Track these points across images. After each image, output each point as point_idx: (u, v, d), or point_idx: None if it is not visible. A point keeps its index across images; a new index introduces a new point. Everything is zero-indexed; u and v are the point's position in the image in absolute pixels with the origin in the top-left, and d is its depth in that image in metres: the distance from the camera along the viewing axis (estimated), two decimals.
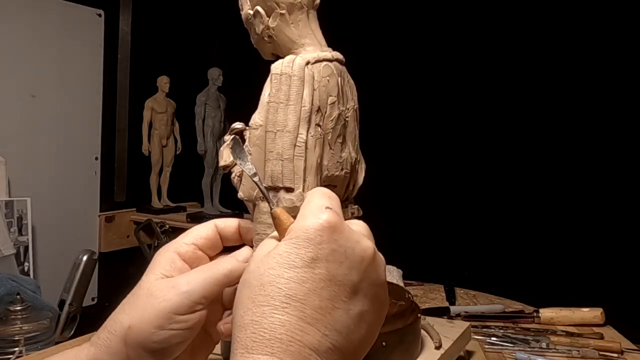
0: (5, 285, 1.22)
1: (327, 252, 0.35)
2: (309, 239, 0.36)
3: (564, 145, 1.52)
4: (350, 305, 0.36)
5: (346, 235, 0.37)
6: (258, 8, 0.58)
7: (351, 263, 0.36)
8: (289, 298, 0.34)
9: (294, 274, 0.35)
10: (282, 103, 0.54)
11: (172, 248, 0.47)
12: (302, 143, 0.53)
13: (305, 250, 0.35)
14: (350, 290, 0.36)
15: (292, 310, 0.34)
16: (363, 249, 0.37)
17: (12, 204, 1.58)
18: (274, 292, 0.34)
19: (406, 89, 1.72)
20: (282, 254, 0.36)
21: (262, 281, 0.35)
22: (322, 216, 0.36)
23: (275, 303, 0.34)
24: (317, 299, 0.34)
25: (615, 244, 1.42)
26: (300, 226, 0.36)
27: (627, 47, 1.41)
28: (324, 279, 0.35)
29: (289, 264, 0.35)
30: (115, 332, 0.43)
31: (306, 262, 0.35)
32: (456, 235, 1.65)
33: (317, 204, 0.38)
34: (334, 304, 0.35)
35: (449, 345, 0.68)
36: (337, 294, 0.35)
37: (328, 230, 0.36)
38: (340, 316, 0.35)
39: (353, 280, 0.36)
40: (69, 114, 1.80)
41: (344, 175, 0.59)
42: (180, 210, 2.02)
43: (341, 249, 0.36)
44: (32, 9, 1.68)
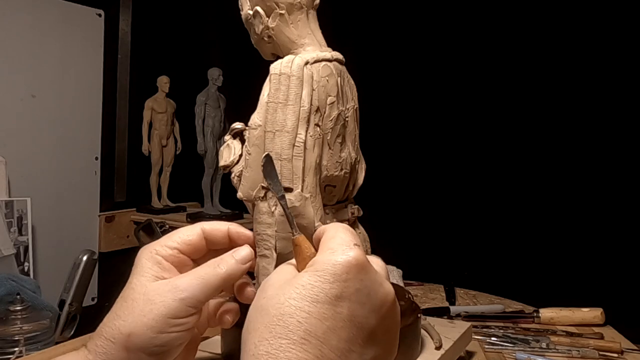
0: (5, 285, 1.22)
1: (352, 291, 0.34)
2: (335, 275, 0.34)
3: (563, 146, 1.52)
4: (365, 350, 0.35)
5: (372, 277, 0.36)
6: (258, 8, 0.58)
7: (372, 306, 0.35)
8: (308, 334, 0.33)
9: (316, 309, 0.34)
10: (281, 103, 0.53)
11: (154, 250, 0.46)
12: (301, 143, 0.53)
13: (330, 285, 0.34)
14: (368, 333, 0.35)
15: (310, 348, 0.33)
16: (385, 293, 0.36)
17: (12, 204, 1.58)
18: (293, 325, 0.33)
19: (406, 89, 1.72)
20: (305, 286, 0.34)
21: (282, 311, 0.34)
22: (350, 253, 0.35)
23: (294, 337, 0.33)
24: (336, 339, 0.34)
25: (615, 244, 1.42)
26: (327, 260, 0.35)
27: (627, 47, 1.41)
28: (344, 318, 0.34)
29: (312, 297, 0.34)
30: (115, 340, 0.42)
31: (330, 298, 0.34)
32: (456, 235, 1.65)
33: (345, 239, 0.37)
34: (350, 347, 0.34)
35: (449, 346, 0.68)
36: (355, 337, 0.34)
37: (356, 269, 0.35)
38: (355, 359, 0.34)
39: (371, 323, 0.35)
40: (69, 114, 1.80)
41: (343, 175, 0.59)
42: (180, 210, 2.02)
43: (365, 289, 0.35)
44: (32, 9, 1.68)
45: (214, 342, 0.66)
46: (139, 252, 0.47)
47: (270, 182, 0.45)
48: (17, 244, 1.58)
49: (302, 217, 0.52)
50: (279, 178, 0.46)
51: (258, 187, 0.55)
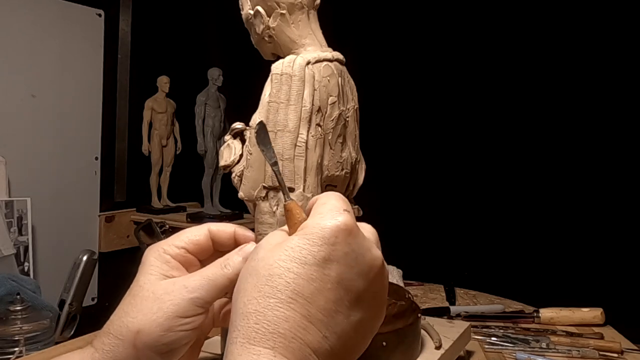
0: (5, 285, 1.22)
1: (340, 255, 0.35)
2: (324, 238, 0.35)
3: (563, 146, 1.52)
4: (352, 312, 0.36)
5: (359, 241, 0.37)
6: (258, 8, 0.58)
7: (360, 270, 0.36)
8: (295, 294, 0.34)
9: (304, 270, 0.34)
10: (283, 103, 0.53)
11: (162, 249, 0.46)
12: (303, 143, 0.53)
13: (318, 248, 0.35)
14: (355, 296, 0.36)
15: (297, 307, 0.34)
16: (373, 258, 0.37)
17: (12, 204, 1.58)
18: (281, 285, 0.34)
19: (406, 89, 1.72)
20: (294, 248, 0.35)
21: (271, 272, 0.35)
22: (339, 218, 0.36)
23: (282, 297, 0.34)
24: (323, 300, 0.34)
25: (614, 244, 1.42)
26: (317, 224, 0.36)
27: (627, 47, 1.41)
28: (332, 280, 0.35)
29: (301, 259, 0.35)
30: (123, 337, 0.42)
31: (318, 260, 0.35)
32: (456, 235, 1.65)
33: (335, 205, 0.38)
34: (337, 308, 0.35)
35: (449, 345, 0.68)
36: (342, 298, 0.35)
37: (344, 233, 0.36)
38: (341, 321, 0.35)
39: (359, 287, 0.36)
40: (69, 114, 1.80)
41: (344, 175, 0.59)
42: (180, 210, 2.02)
43: (353, 254, 0.36)
44: (32, 9, 1.68)
45: (214, 342, 0.66)
46: (146, 250, 0.47)
47: (263, 148, 0.45)
48: (17, 244, 1.58)
49: None
50: (272, 145, 0.46)
51: (259, 187, 0.55)
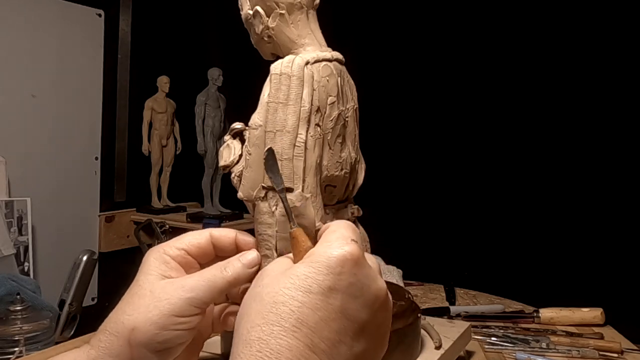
0: (5, 285, 1.22)
1: (345, 285, 0.35)
2: (329, 267, 0.35)
3: (563, 146, 1.52)
4: (355, 343, 0.36)
5: (365, 272, 0.36)
6: (258, 8, 0.57)
7: (365, 301, 0.36)
8: (300, 322, 0.34)
9: (309, 299, 0.34)
10: (282, 103, 0.53)
11: (162, 250, 0.47)
12: (302, 143, 0.53)
13: (324, 277, 0.35)
14: (358, 327, 0.36)
15: (301, 336, 0.34)
16: (378, 289, 0.37)
17: (12, 204, 1.58)
18: (285, 313, 0.34)
19: (405, 89, 1.72)
20: (299, 276, 0.35)
21: (275, 299, 0.35)
22: (346, 247, 0.36)
23: (286, 325, 0.34)
24: (327, 330, 0.34)
25: (614, 244, 1.42)
26: (323, 252, 0.36)
27: (627, 47, 1.41)
28: (336, 310, 0.35)
29: (306, 288, 0.35)
30: (118, 334, 0.43)
31: (323, 289, 0.35)
32: (456, 235, 1.65)
33: (343, 234, 0.38)
34: (341, 338, 0.35)
35: (449, 345, 0.68)
36: (346, 329, 0.35)
37: (350, 263, 0.36)
38: (344, 352, 0.35)
39: (363, 318, 0.36)
40: (69, 114, 1.80)
41: (343, 175, 0.59)
42: (180, 210, 2.02)
43: (359, 284, 0.36)
44: (32, 9, 1.68)
45: (214, 342, 0.66)
46: (147, 251, 0.47)
47: (271, 175, 0.46)
48: (17, 244, 1.58)
49: (303, 217, 0.52)
50: (279, 172, 0.46)
51: (259, 187, 0.55)
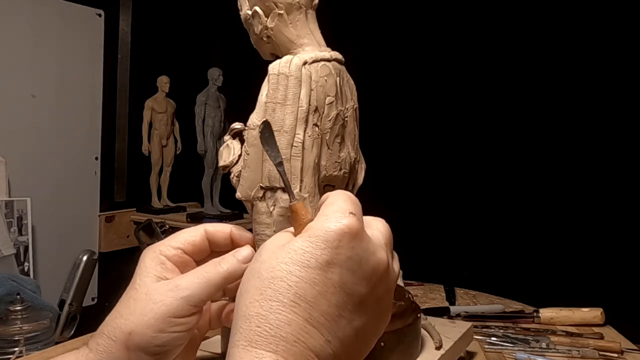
0: (5, 285, 1.22)
1: (343, 259, 0.35)
2: (327, 241, 0.35)
3: (563, 146, 1.52)
4: (355, 316, 0.36)
5: (364, 245, 0.36)
6: (256, 8, 0.58)
7: (363, 274, 0.36)
8: (298, 297, 0.34)
9: (307, 274, 0.34)
10: (279, 103, 0.53)
11: (158, 250, 0.47)
12: (299, 143, 0.53)
13: (321, 251, 0.35)
14: (358, 301, 0.36)
15: (299, 311, 0.34)
16: (377, 262, 0.37)
17: (12, 204, 1.58)
18: (283, 288, 0.34)
19: (404, 89, 1.72)
20: (297, 251, 0.35)
21: (274, 275, 0.35)
22: (343, 221, 0.36)
23: (284, 300, 0.34)
24: (326, 304, 0.34)
25: (615, 244, 1.42)
26: (321, 226, 0.36)
27: (627, 47, 1.41)
28: (335, 284, 0.35)
29: (303, 262, 0.35)
30: (116, 338, 0.43)
31: (321, 264, 0.34)
32: (456, 235, 1.65)
33: (341, 207, 0.37)
34: (340, 312, 0.35)
35: (449, 346, 0.67)
36: (345, 303, 0.35)
37: (348, 236, 0.35)
38: (344, 325, 0.35)
39: (361, 291, 0.36)
40: (69, 114, 1.80)
41: (342, 175, 0.59)
42: (180, 210, 2.02)
43: (357, 257, 0.35)
44: (32, 9, 1.68)
45: (214, 342, 0.66)
46: (143, 252, 0.47)
47: (268, 148, 0.45)
48: (17, 244, 1.58)
49: None
50: (277, 145, 0.46)
51: (257, 187, 0.55)
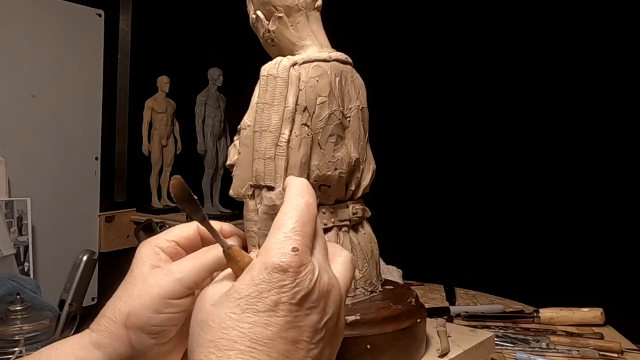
0: (5, 285, 1.22)
1: (289, 296, 0.35)
2: (271, 282, 0.35)
3: (563, 146, 1.52)
4: (312, 345, 0.36)
5: (308, 276, 0.36)
6: (258, 12, 0.58)
7: (312, 303, 0.36)
8: (254, 342, 0.34)
9: (258, 318, 0.35)
10: (268, 104, 0.55)
11: (153, 242, 0.49)
12: (284, 142, 0.54)
13: (268, 293, 0.35)
14: (312, 330, 0.36)
15: (258, 354, 0.34)
16: (322, 286, 0.37)
17: (12, 204, 1.58)
18: (237, 337, 0.34)
19: (407, 91, 1.72)
20: (243, 298, 0.35)
21: (224, 325, 0.35)
22: (284, 259, 0.36)
23: (241, 347, 0.34)
24: (282, 342, 0.35)
25: (615, 244, 1.42)
26: (263, 268, 0.36)
27: (627, 47, 1.41)
28: (287, 322, 0.35)
29: (252, 308, 0.35)
30: (115, 319, 0.46)
31: (269, 306, 0.35)
32: (456, 235, 1.65)
33: (282, 237, 0.37)
34: (297, 346, 0.35)
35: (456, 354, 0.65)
36: (300, 336, 0.35)
37: (291, 274, 0.35)
38: (302, 356, 0.35)
39: (313, 320, 0.36)
40: (69, 114, 1.80)
41: (338, 175, 0.59)
42: (180, 210, 2.01)
43: (303, 290, 0.36)
44: (32, 9, 1.67)
45: None
46: (139, 245, 0.50)
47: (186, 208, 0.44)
48: (17, 244, 1.58)
49: None
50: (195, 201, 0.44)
51: (247, 185, 0.56)
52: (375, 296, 0.64)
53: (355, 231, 0.64)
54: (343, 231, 0.62)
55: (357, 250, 0.62)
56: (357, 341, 0.56)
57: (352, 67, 0.61)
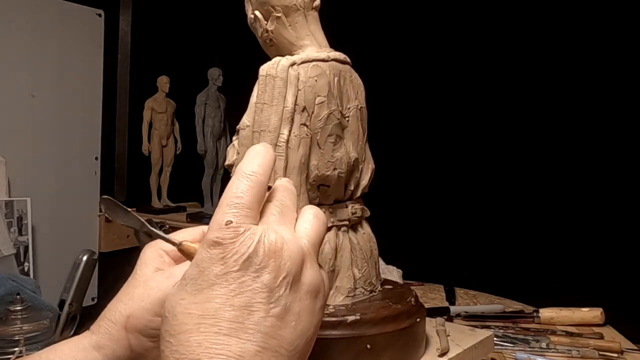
0: (5, 285, 1.22)
1: (230, 265, 0.35)
2: (211, 259, 0.35)
3: (563, 146, 1.52)
4: (270, 305, 0.35)
5: (247, 242, 0.35)
6: (257, 12, 0.58)
7: (258, 265, 0.35)
8: (201, 318, 0.34)
9: (203, 295, 0.34)
10: (266, 104, 0.55)
11: (158, 245, 0.50)
12: (283, 143, 0.54)
13: (208, 270, 0.35)
14: (266, 290, 0.35)
15: (206, 328, 0.34)
16: (268, 246, 0.36)
17: (12, 204, 1.58)
18: (186, 318, 0.34)
19: (406, 91, 1.72)
20: (189, 282, 0.35)
21: (175, 312, 0.35)
22: (218, 234, 0.35)
23: (189, 327, 0.34)
24: (230, 310, 0.34)
25: (615, 244, 1.42)
26: (203, 244, 0.36)
27: (627, 47, 1.41)
28: (232, 289, 0.34)
29: (197, 288, 0.35)
30: (116, 321, 0.46)
31: (211, 280, 0.35)
32: (456, 235, 1.65)
33: (219, 215, 0.37)
34: (249, 310, 0.34)
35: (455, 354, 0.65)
36: (251, 299, 0.35)
37: (228, 244, 0.35)
38: (260, 318, 0.35)
39: (266, 280, 0.35)
40: (69, 114, 1.80)
41: (337, 175, 0.59)
42: (180, 210, 2.02)
43: (244, 255, 0.35)
44: (32, 9, 1.68)
45: None
46: (144, 247, 0.50)
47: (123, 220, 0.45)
48: (17, 244, 1.58)
49: None
50: (127, 211, 0.45)
51: None
52: (375, 296, 0.64)
53: (355, 231, 0.64)
54: (342, 231, 0.62)
55: (357, 250, 0.63)
56: (357, 341, 0.56)
57: (351, 67, 0.61)
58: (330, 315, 0.57)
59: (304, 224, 0.40)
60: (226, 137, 1.98)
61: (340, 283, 0.61)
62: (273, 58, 0.61)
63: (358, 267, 0.62)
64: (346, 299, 0.61)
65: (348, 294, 0.61)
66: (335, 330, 0.56)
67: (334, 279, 0.61)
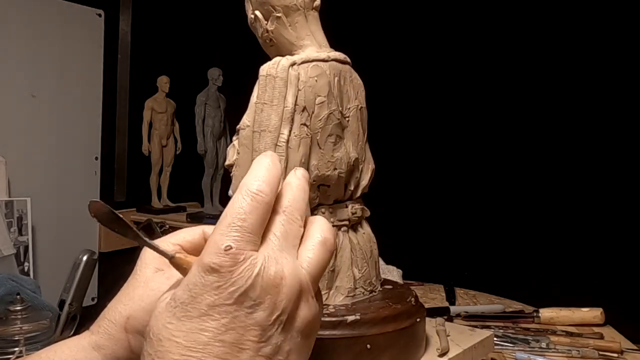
0: (5, 285, 1.22)
1: (225, 297, 0.33)
2: (204, 286, 0.33)
3: (563, 146, 1.52)
4: (260, 344, 0.33)
5: (245, 273, 0.33)
6: (257, 12, 0.58)
7: (253, 301, 0.33)
8: (188, 350, 0.32)
9: (192, 325, 0.33)
10: (267, 104, 0.55)
11: None
12: (283, 143, 0.54)
13: (201, 297, 0.33)
14: (259, 329, 0.33)
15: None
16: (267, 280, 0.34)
17: (12, 204, 1.58)
18: (172, 346, 0.32)
19: (407, 91, 1.72)
20: (179, 306, 0.33)
21: (161, 337, 0.33)
22: (215, 260, 0.33)
23: (174, 357, 0.32)
24: (219, 346, 0.32)
25: (614, 244, 1.42)
26: (198, 266, 0.34)
27: (627, 47, 1.41)
28: (223, 324, 0.33)
29: (186, 315, 0.33)
30: (115, 322, 0.46)
31: (203, 310, 0.33)
32: (456, 235, 1.65)
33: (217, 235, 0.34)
34: (239, 347, 0.33)
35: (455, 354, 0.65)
36: (242, 336, 0.33)
37: (225, 274, 0.33)
38: (249, 357, 0.33)
39: (257, 318, 0.33)
40: (69, 114, 1.80)
41: (337, 175, 0.59)
42: (180, 210, 2.02)
43: (240, 289, 0.33)
44: (32, 9, 1.68)
45: None
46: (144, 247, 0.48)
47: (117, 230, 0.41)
48: (17, 244, 1.58)
49: None
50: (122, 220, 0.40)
51: None
52: (375, 296, 0.64)
53: (355, 231, 0.64)
54: (342, 231, 0.62)
55: (357, 250, 0.62)
56: (357, 341, 0.56)
57: (351, 67, 0.61)
58: (330, 315, 0.57)
59: (307, 252, 0.37)
60: (226, 137, 1.98)
61: (340, 283, 0.61)
62: (273, 58, 0.61)
63: (358, 267, 0.62)
64: (346, 299, 0.61)
65: (348, 294, 0.61)
66: (335, 330, 0.56)
67: (334, 279, 0.61)
